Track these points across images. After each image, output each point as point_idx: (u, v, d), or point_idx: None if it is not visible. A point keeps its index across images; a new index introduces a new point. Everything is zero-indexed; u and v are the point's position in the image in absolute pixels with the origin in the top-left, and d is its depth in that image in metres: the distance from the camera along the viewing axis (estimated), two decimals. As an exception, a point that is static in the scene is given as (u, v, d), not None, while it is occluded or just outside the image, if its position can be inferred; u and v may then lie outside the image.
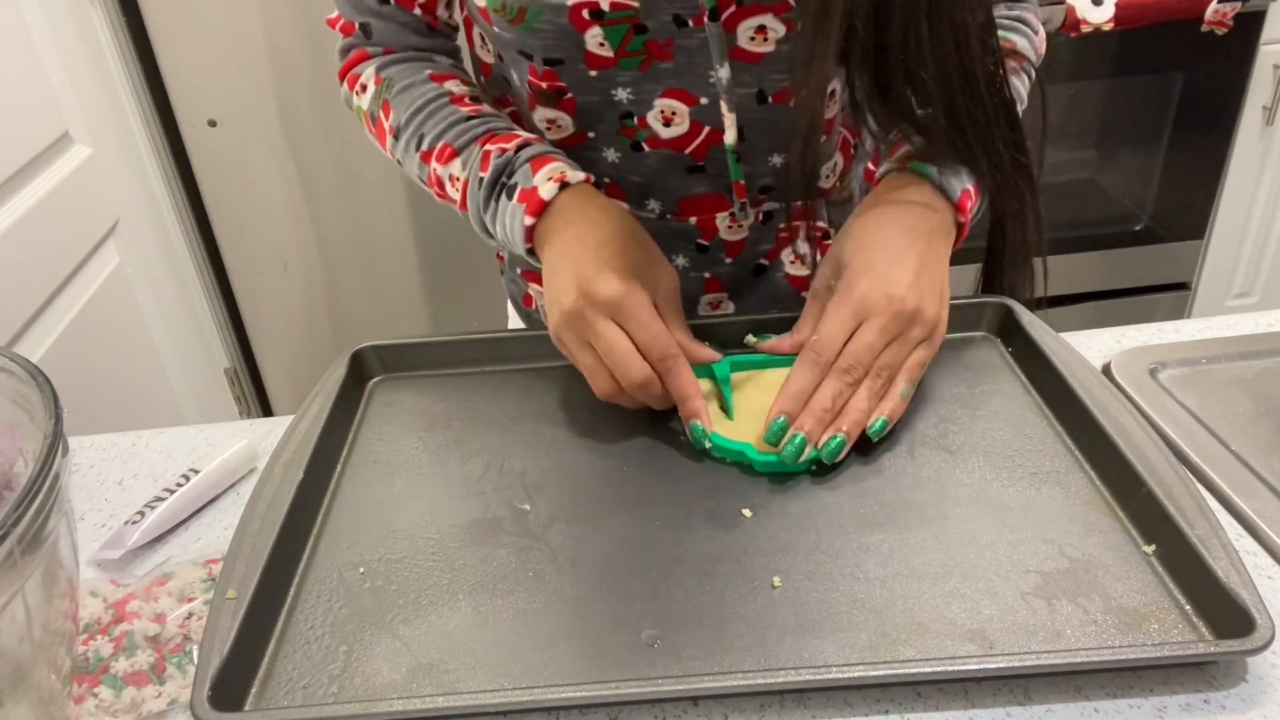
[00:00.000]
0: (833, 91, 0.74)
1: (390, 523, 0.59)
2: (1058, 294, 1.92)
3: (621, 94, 0.70)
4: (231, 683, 0.48)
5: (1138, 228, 1.89)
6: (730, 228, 0.78)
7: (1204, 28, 1.63)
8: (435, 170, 0.71)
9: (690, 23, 0.66)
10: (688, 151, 0.73)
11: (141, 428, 0.73)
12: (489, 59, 0.76)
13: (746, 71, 0.69)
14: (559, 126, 0.73)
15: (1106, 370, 0.70)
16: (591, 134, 0.73)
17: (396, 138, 0.74)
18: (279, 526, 0.55)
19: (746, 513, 0.58)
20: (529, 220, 0.65)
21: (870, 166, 0.85)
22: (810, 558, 0.55)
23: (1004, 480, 0.60)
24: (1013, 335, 0.71)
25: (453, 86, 0.74)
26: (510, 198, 0.67)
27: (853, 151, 0.82)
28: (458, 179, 0.70)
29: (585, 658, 0.49)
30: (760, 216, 0.78)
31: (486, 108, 0.73)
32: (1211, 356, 0.71)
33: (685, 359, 0.62)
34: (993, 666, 0.47)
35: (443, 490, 0.62)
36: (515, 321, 0.95)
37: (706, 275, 0.80)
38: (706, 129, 0.72)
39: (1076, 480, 0.59)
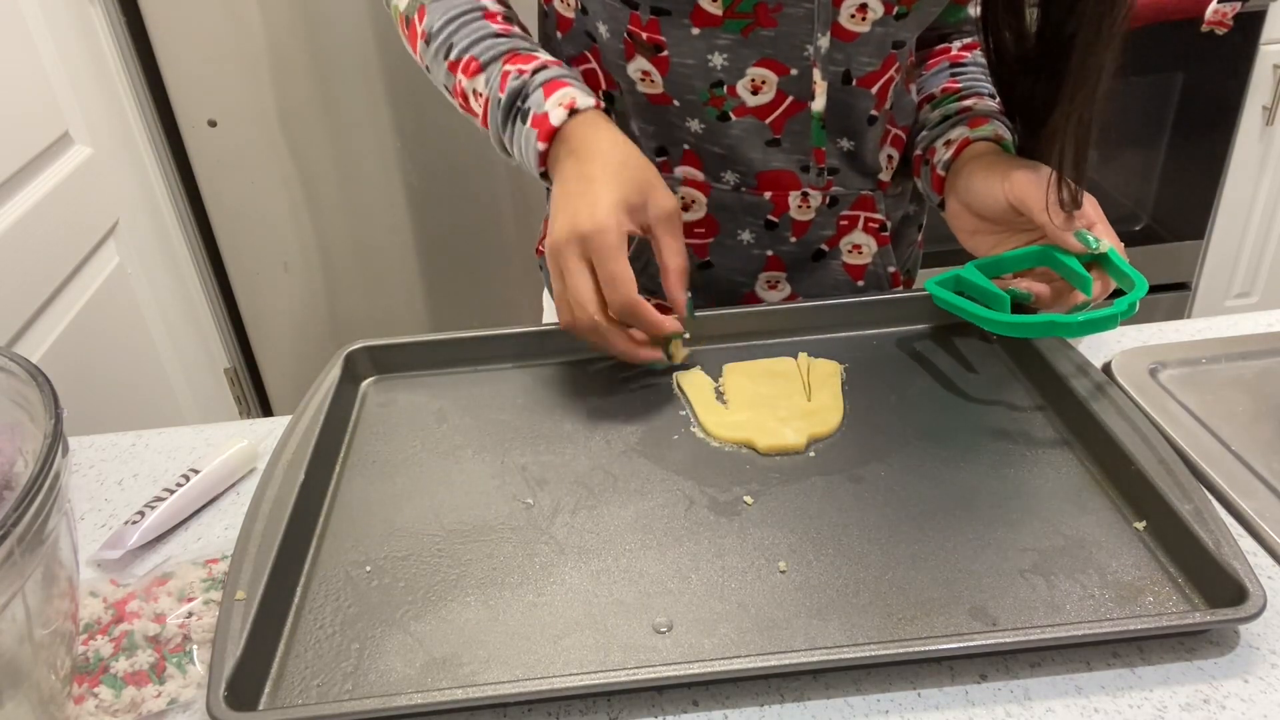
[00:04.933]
0: (884, 87, 0.75)
1: (393, 521, 0.59)
2: (1058, 294, 1.92)
3: (717, 59, 0.72)
4: (245, 683, 0.48)
5: (1138, 228, 1.89)
6: (800, 207, 0.79)
7: (1204, 28, 1.63)
8: (461, 82, 0.73)
9: None
10: (769, 121, 0.75)
11: (141, 428, 0.73)
12: (568, 13, 0.77)
13: (840, 50, 0.71)
14: (652, 80, 0.74)
15: (1107, 370, 0.70)
16: (677, 102, 0.75)
17: (428, 43, 0.75)
18: (283, 528, 0.55)
19: (748, 500, 0.59)
20: (541, 146, 0.68)
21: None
22: (814, 542, 0.55)
23: (997, 463, 0.61)
24: None
25: (488, 2, 0.75)
26: (524, 121, 0.69)
27: (903, 149, 0.83)
28: (481, 94, 0.72)
29: (598, 647, 0.50)
30: (827, 200, 0.79)
31: (516, 28, 0.75)
32: (1211, 356, 0.71)
33: (643, 306, 0.63)
34: (1000, 641, 0.48)
35: (444, 487, 0.62)
36: (550, 313, 0.95)
37: (769, 253, 0.82)
38: (790, 99, 0.74)
39: (1067, 461, 0.61)
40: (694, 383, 0.69)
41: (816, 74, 0.72)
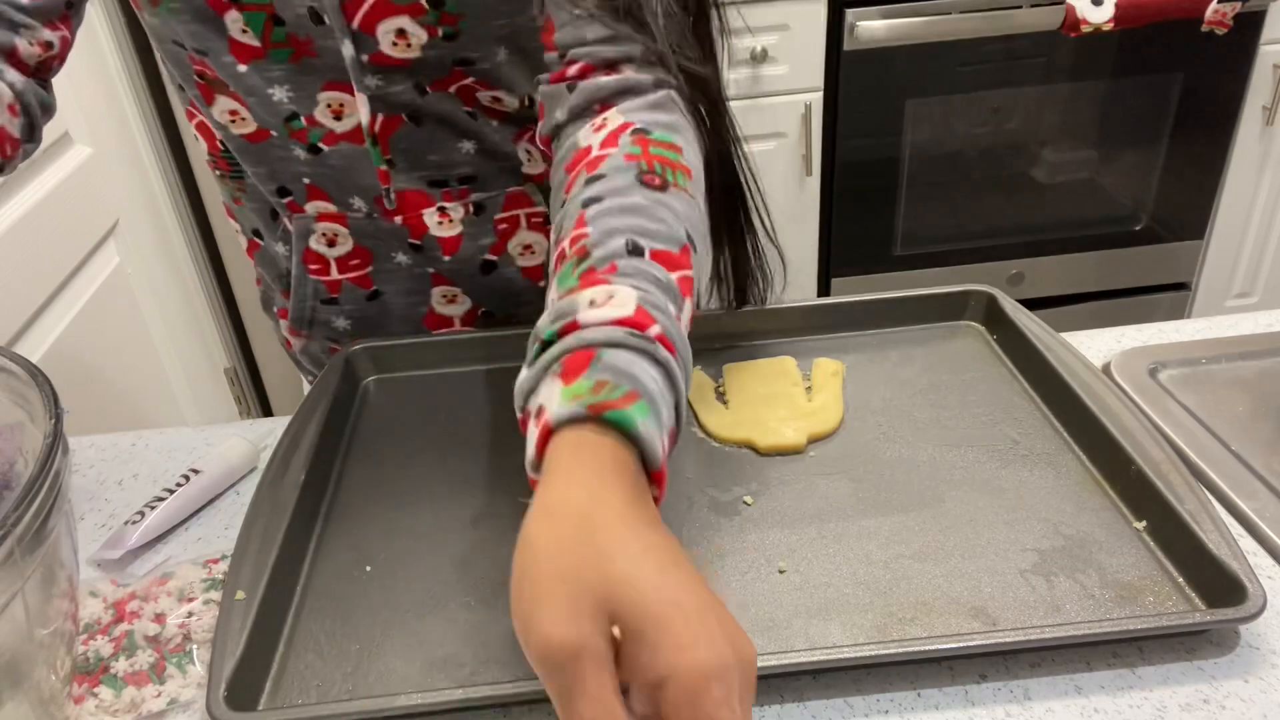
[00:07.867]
0: (467, 89, 0.70)
1: (393, 520, 0.59)
2: (1058, 294, 1.92)
3: (280, 93, 0.67)
4: (245, 683, 0.48)
5: (1138, 228, 1.89)
6: (440, 224, 0.74)
7: (1204, 28, 1.63)
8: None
9: (326, 20, 0.63)
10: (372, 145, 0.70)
11: (141, 428, 0.73)
12: (167, 75, 0.73)
13: (394, 75, 0.67)
14: (241, 119, 0.70)
15: (1106, 370, 0.70)
16: (274, 132, 0.70)
17: None
18: (283, 528, 0.55)
19: (748, 500, 0.59)
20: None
21: None
22: (813, 543, 0.55)
23: (997, 463, 0.61)
24: (997, 323, 0.73)
25: None
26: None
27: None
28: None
29: (598, 646, 0.50)
30: (471, 209, 0.75)
31: None
32: (1211, 356, 0.71)
33: None
34: (1000, 641, 0.48)
35: (444, 487, 0.62)
36: None
37: (431, 271, 0.77)
38: (382, 118, 0.69)
39: (1067, 461, 0.61)
40: (694, 383, 0.69)
41: (355, 87, 0.66)
